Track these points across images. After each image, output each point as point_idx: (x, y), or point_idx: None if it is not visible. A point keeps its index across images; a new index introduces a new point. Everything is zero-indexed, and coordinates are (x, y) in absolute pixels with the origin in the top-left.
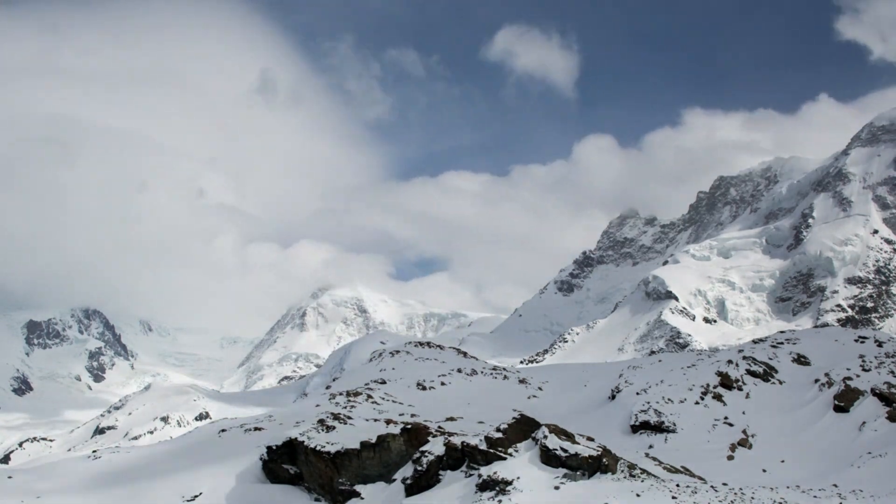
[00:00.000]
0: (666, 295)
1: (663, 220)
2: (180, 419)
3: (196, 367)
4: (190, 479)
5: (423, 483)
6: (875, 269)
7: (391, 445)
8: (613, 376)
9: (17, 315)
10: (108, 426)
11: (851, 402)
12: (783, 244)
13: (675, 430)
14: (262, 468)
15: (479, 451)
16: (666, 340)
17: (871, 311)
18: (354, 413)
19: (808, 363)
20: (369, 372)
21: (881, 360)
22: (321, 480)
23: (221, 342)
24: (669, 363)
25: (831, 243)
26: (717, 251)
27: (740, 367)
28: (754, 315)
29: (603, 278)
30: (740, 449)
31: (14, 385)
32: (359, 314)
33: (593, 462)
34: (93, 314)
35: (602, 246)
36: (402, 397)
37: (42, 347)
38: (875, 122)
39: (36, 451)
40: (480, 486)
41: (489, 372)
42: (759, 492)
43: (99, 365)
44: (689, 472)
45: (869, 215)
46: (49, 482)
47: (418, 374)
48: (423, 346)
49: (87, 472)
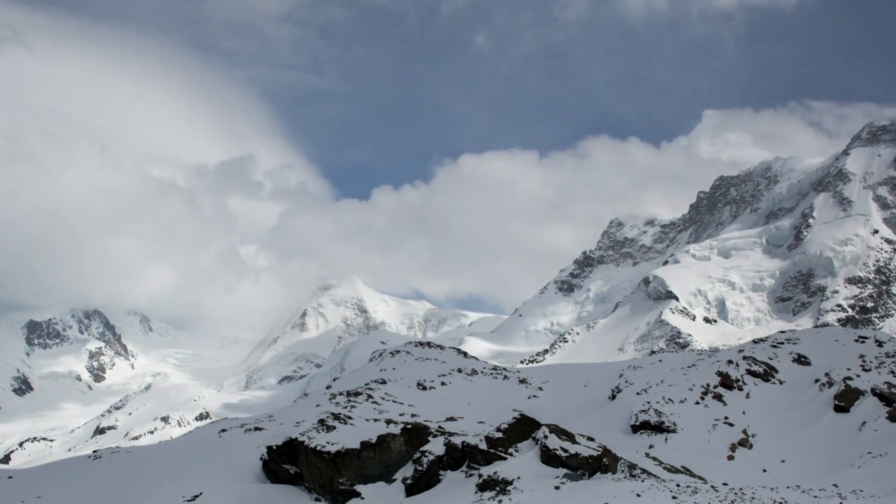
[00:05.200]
0: (666, 295)
1: (663, 220)
2: (180, 419)
3: (196, 367)
4: (190, 479)
5: (424, 483)
6: (875, 269)
7: (391, 445)
8: (614, 376)
9: (17, 315)
10: (108, 426)
11: (852, 402)
12: (783, 244)
13: (676, 430)
14: (263, 468)
15: (480, 451)
16: (666, 340)
17: (871, 311)
18: (355, 413)
19: (809, 363)
20: (369, 372)
21: (881, 360)
22: (321, 480)
23: (221, 342)
24: (670, 363)
25: (831, 243)
26: (718, 251)
27: (740, 367)
28: (754, 315)
29: (603, 278)
30: (740, 449)
31: (14, 385)
32: (359, 314)
33: (594, 462)
34: (93, 314)
35: (602, 246)
36: (402, 397)
37: (42, 347)
38: (875, 121)
39: (36, 451)
40: (481, 486)
41: (489, 372)
42: (759, 492)
43: (99, 365)
44: (689, 472)
45: (869, 215)
46: (49, 482)
47: (419, 374)
48: (423, 346)
49: (87, 472)
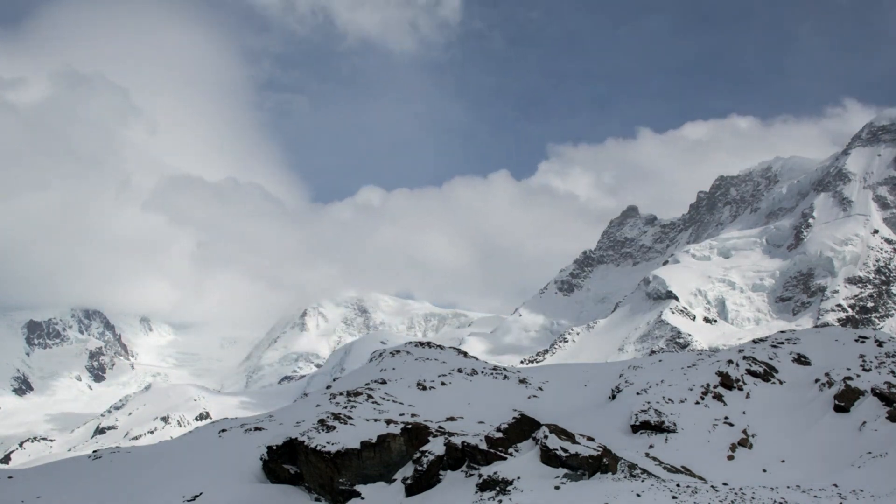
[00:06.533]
0: (666, 295)
1: (663, 220)
2: (180, 419)
3: (196, 366)
4: (190, 479)
5: (424, 483)
6: (875, 269)
7: (391, 445)
8: (614, 376)
9: (17, 315)
10: (108, 426)
11: (852, 402)
12: (783, 244)
13: (676, 430)
14: (263, 468)
15: (480, 451)
16: (666, 340)
17: (871, 311)
18: (355, 413)
19: (809, 363)
20: (369, 372)
21: (881, 360)
22: (321, 480)
23: (221, 342)
24: (670, 363)
25: (831, 243)
26: (718, 251)
27: (740, 366)
28: (754, 315)
29: (603, 278)
30: (740, 449)
31: (14, 385)
32: (359, 314)
33: (594, 462)
34: (93, 314)
35: (602, 246)
36: (402, 397)
37: (42, 347)
38: (875, 121)
39: (36, 451)
40: (481, 486)
41: (489, 372)
42: (759, 492)
43: (99, 365)
44: (689, 472)
45: (869, 215)
46: (49, 482)
47: (419, 374)
48: (423, 346)
49: (87, 472)
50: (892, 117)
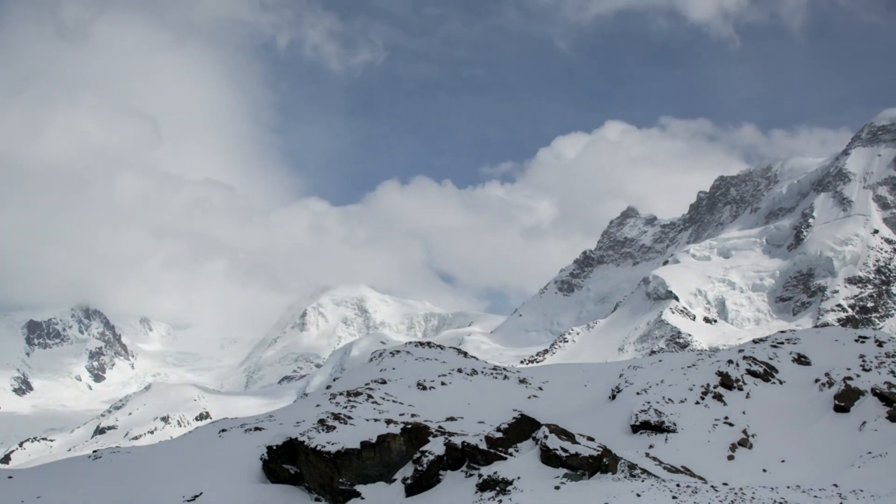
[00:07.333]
0: (666, 295)
1: (663, 220)
2: (180, 419)
3: (196, 367)
4: (190, 479)
5: (424, 483)
6: (875, 269)
7: (391, 445)
8: (614, 376)
9: (17, 315)
10: (109, 426)
11: (852, 402)
12: (783, 244)
13: (676, 430)
14: (263, 468)
15: (480, 451)
16: (666, 340)
17: (871, 311)
18: (355, 413)
19: (809, 363)
20: (369, 372)
21: (881, 360)
22: (321, 480)
23: (221, 342)
24: (670, 363)
25: (831, 243)
26: (718, 251)
27: (740, 366)
28: (754, 315)
29: (603, 278)
30: (740, 449)
31: (14, 385)
32: (359, 314)
33: (594, 462)
34: (93, 314)
35: (602, 246)
36: (402, 397)
37: (42, 347)
38: (875, 121)
39: (36, 451)
40: (481, 486)
41: (489, 372)
42: (759, 492)
43: (99, 365)
44: (689, 472)
45: (869, 215)
46: (49, 482)
47: (419, 374)
48: (423, 346)
49: (87, 472)
50: (892, 117)
